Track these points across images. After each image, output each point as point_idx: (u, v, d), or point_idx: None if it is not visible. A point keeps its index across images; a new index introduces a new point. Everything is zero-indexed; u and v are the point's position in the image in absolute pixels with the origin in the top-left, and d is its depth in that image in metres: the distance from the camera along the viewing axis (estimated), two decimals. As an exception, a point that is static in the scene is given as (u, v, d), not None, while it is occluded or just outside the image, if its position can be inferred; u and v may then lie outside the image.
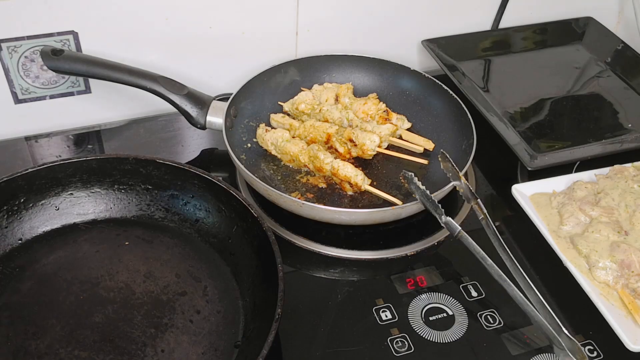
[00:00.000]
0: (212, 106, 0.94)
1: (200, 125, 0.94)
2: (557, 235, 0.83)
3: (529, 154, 0.94)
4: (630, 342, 0.71)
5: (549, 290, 0.81)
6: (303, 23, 1.08)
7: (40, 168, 0.81)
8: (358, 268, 0.84)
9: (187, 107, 0.93)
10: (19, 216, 0.81)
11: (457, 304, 0.79)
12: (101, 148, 1.00)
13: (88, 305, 0.75)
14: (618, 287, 0.77)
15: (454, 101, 0.99)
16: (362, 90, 1.06)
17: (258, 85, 1.01)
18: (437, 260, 0.85)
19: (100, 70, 0.91)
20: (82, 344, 0.71)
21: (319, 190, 0.90)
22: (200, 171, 0.82)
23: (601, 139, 1.00)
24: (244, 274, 0.78)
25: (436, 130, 1.00)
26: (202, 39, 1.03)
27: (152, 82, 0.91)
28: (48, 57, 0.90)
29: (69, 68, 0.91)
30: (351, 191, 0.90)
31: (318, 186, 0.91)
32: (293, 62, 1.04)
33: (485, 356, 0.74)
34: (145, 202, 0.85)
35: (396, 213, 0.84)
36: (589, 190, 0.88)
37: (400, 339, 0.75)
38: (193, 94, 0.93)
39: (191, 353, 0.71)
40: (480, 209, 0.82)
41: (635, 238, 0.81)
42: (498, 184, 0.96)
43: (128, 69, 0.91)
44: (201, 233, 0.83)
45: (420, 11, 1.14)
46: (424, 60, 1.20)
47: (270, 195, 0.84)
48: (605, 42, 1.21)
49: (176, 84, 0.93)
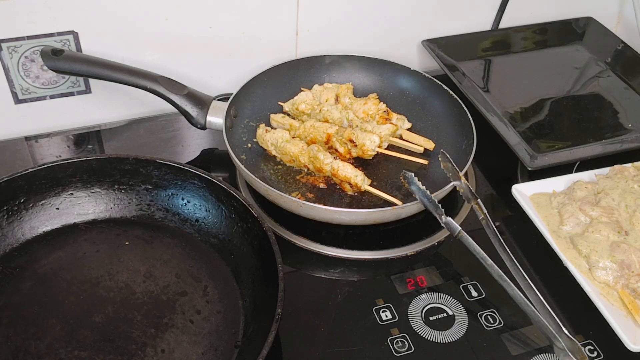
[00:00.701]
0: (212, 106, 0.94)
1: (201, 125, 0.94)
2: (557, 235, 0.83)
3: (529, 154, 0.94)
4: (630, 342, 0.71)
5: (549, 291, 0.81)
6: (303, 23, 1.08)
7: (40, 168, 0.81)
8: (358, 268, 0.84)
9: (187, 107, 0.93)
10: (19, 216, 0.81)
11: (457, 304, 0.79)
12: (101, 148, 1.01)
13: (88, 305, 0.75)
14: (618, 287, 0.77)
15: (454, 101, 0.99)
16: (362, 90, 1.06)
17: (258, 85, 1.01)
18: (437, 260, 0.85)
19: (101, 70, 0.91)
20: (82, 344, 0.71)
21: (319, 190, 0.90)
22: (200, 171, 0.82)
23: (601, 139, 1.00)
24: (244, 274, 0.78)
25: (436, 130, 1.00)
26: (202, 39, 1.03)
27: (152, 82, 0.91)
28: (48, 57, 0.90)
29: (69, 68, 0.91)
30: (351, 191, 0.90)
31: (318, 186, 0.91)
32: (293, 62, 1.04)
33: (486, 356, 0.74)
34: (146, 202, 0.85)
35: (396, 213, 0.84)
36: (589, 190, 0.88)
37: (401, 339, 0.75)
38: (193, 94, 0.93)
39: (191, 353, 0.71)
40: (480, 209, 0.82)
41: (635, 238, 0.81)
42: (498, 184, 0.96)
43: (128, 69, 0.91)
44: (201, 233, 0.83)
45: (420, 11, 1.14)
46: (424, 60, 1.20)
47: (270, 195, 0.84)
48: (605, 42, 1.21)
49: (176, 84, 0.93)
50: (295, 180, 0.92)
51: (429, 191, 0.81)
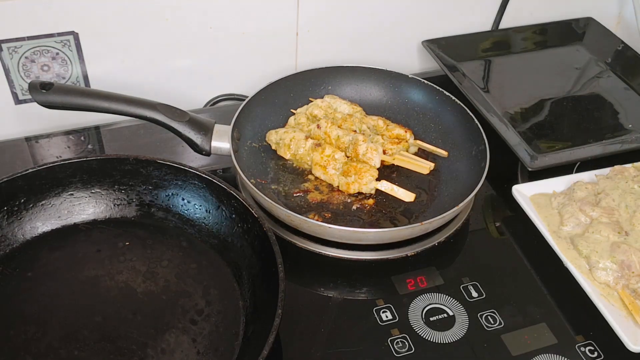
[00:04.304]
0: (215, 131, 0.89)
1: (206, 152, 0.89)
2: (557, 235, 0.83)
3: (529, 155, 0.94)
4: (630, 342, 0.71)
5: (549, 291, 0.81)
6: (303, 23, 1.08)
7: (40, 168, 0.81)
8: (358, 268, 0.84)
9: (190, 135, 0.88)
10: (19, 216, 0.81)
11: (458, 305, 0.79)
12: (101, 148, 1.00)
13: (88, 306, 0.75)
14: (618, 287, 0.77)
15: (459, 108, 0.97)
16: (366, 101, 1.04)
17: (257, 104, 0.97)
18: (438, 261, 0.85)
19: (95, 101, 0.86)
20: (82, 344, 0.71)
21: (329, 209, 0.88)
22: (200, 171, 0.82)
23: (601, 139, 1.00)
24: (245, 274, 0.78)
25: (442, 137, 0.99)
26: (202, 39, 1.03)
27: (152, 111, 0.86)
28: (37, 91, 0.85)
29: (62, 101, 0.85)
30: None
31: (329, 205, 0.89)
32: (292, 76, 1.01)
33: (486, 356, 0.74)
34: (146, 202, 0.85)
35: (424, 228, 0.82)
36: (590, 190, 0.88)
37: (401, 339, 0.75)
38: (195, 120, 0.88)
39: (191, 353, 0.71)
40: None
41: (636, 239, 0.81)
42: (498, 184, 0.96)
43: (125, 98, 0.86)
44: (202, 233, 0.83)
45: (420, 12, 1.14)
46: (424, 61, 1.20)
47: (292, 222, 0.83)
48: (605, 42, 1.21)
49: (176, 111, 0.88)
50: (307, 202, 0.89)
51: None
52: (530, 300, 0.80)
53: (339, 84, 1.05)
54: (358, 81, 1.05)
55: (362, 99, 1.04)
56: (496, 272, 0.84)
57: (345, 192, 0.89)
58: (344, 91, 1.04)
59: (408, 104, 1.03)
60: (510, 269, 0.84)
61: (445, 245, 0.87)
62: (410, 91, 1.03)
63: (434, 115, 1.01)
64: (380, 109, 1.03)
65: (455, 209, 0.82)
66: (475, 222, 0.90)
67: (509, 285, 0.82)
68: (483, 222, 0.91)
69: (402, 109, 1.03)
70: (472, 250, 0.87)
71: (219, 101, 1.11)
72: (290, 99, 1.02)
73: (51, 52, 0.96)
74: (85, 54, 0.98)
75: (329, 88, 1.04)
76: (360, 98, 1.04)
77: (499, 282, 0.82)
